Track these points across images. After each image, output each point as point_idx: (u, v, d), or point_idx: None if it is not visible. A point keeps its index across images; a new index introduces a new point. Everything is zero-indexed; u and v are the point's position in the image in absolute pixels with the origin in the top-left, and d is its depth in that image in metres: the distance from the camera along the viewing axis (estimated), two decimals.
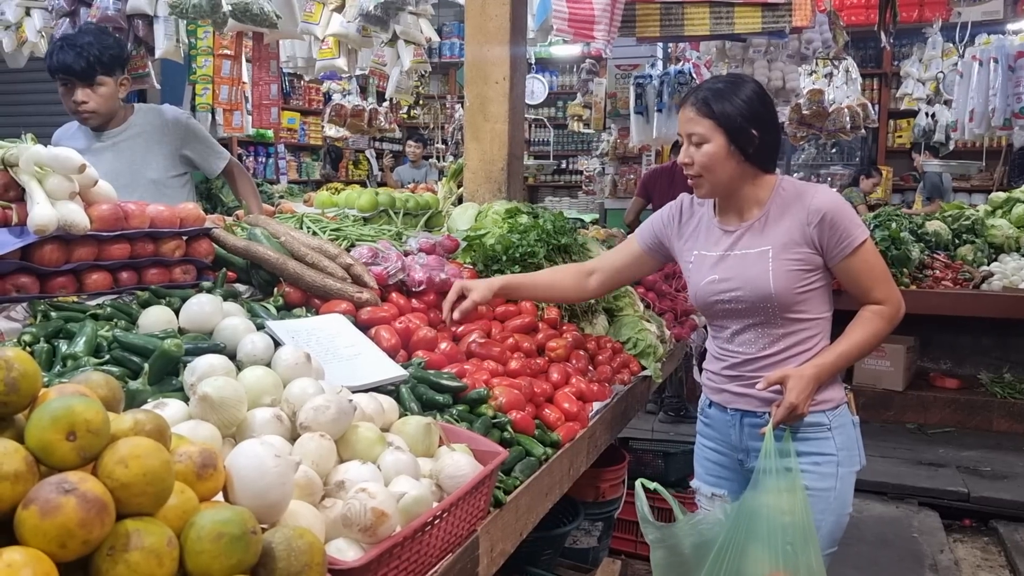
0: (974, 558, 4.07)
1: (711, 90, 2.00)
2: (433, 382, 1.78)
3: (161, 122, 3.07)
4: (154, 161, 3.02)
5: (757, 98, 2.00)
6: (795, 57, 5.59)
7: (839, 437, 2.05)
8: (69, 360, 1.42)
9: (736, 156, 1.98)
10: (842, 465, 2.04)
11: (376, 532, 1.11)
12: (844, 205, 2.02)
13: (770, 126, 2.04)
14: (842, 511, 2.06)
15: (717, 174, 2.00)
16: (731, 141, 1.96)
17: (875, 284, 2.02)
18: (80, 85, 2.87)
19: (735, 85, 2.00)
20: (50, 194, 1.67)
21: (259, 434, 1.25)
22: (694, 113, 1.99)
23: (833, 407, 2.05)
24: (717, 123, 1.96)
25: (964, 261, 5.78)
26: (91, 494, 0.82)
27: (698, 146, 1.99)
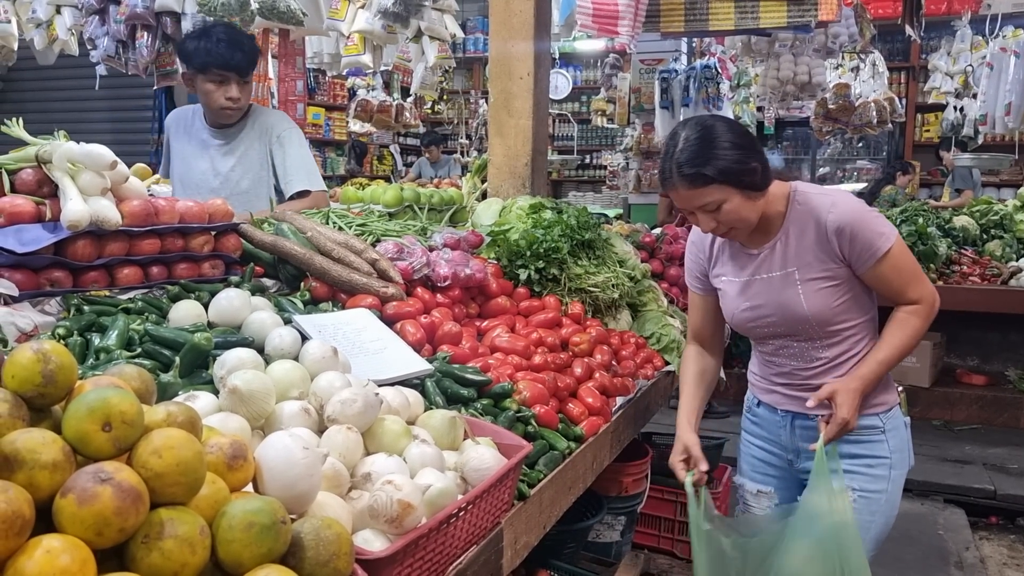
0: (1000, 556, 4.02)
1: (688, 160, 1.86)
2: (458, 376, 1.79)
3: (262, 130, 3.05)
4: (250, 171, 3.03)
5: (731, 133, 1.89)
6: (821, 51, 5.54)
7: (892, 440, 2.03)
8: (102, 353, 1.45)
9: (753, 195, 1.91)
10: (894, 468, 2.03)
11: (402, 523, 1.12)
12: (862, 214, 1.93)
13: (757, 145, 1.94)
14: (891, 513, 2.06)
15: (747, 219, 1.93)
16: (742, 188, 1.88)
17: (907, 285, 1.97)
18: (236, 81, 2.87)
19: (705, 136, 1.87)
20: (83, 190, 1.70)
21: (287, 426, 1.27)
22: (688, 189, 1.88)
23: (887, 410, 2.04)
24: (720, 183, 1.85)
25: (992, 257, 5.70)
26: (126, 483, 0.84)
27: (716, 211, 1.90)
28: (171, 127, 3.19)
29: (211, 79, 2.86)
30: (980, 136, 7.42)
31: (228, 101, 2.89)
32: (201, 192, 2.92)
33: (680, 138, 1.90)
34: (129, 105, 7.31)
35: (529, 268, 2.52)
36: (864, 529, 2.02)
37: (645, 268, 2.90)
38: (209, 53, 2.80)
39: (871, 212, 1.97)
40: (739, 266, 2.09)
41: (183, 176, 3.09)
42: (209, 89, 2.87)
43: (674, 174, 1.89)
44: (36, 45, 4.66)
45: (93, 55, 4.30)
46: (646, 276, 2.88)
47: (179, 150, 3.13)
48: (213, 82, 2.86)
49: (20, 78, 8.03)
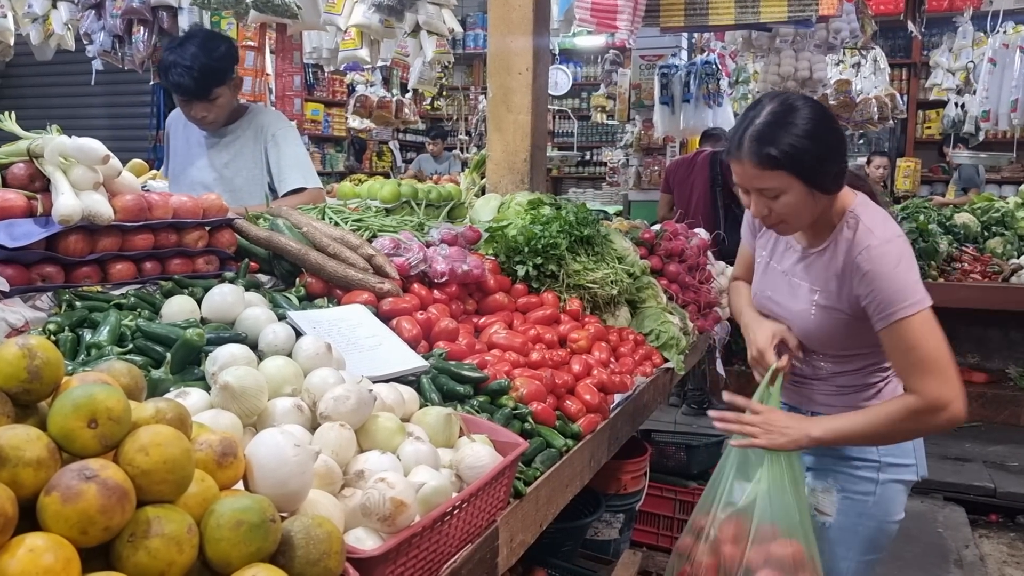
0: (1000, 554, 4.02)
1: (764, 133, 1.71)
2: (454, 373, 1.77)
3: (257, 130, 3.07)
4: (245, 169, 3.04)
5: (818, 122, 1.73)
6: (822, 47, 5.51)
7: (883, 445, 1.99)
8: (93, 349, 1.43)
9: (817, 195, 1.76)
10: (884, 472, 1.99)
11: (395, 522, 1.11)
12: (892, 269, 1.74)
13: (841, 148, 1.78)
14: (885, 518, 2.01)
15: (802, 217, 1.81)
16: (809, 184, 1.73)
17: (912, 370, 1.76)
18: (198, 102, 2.90)
19: (787, 116, 1.72)
20: (75, 185, 1.68)
21: (279, 423, 1.25)
22: (755, 167, 1.73)
23: None
24: (787, 172, 1.71)
25: (993, 254, 5.69)
26: (112, 481, 0.83)
27: (774, 198, 1.77)
28: (171, 126, 3.22)
29: (178, 98, 2.94)
30: (981, 133, 7.40)
31: (196, 120, 2.96)
32: (195, 189, 2.92)
33: (763, 110, 1.75)
34: (127, 101, 7.29)
35: (527, 264, 2.50)
36: (850, 531, 2.01)
37: (644, 265, 2.88)
38: (166, 77, 2.87)
39: (905, 267, 1.75)
40: (781, 253, 2.03)
41: (178, 174, 3.11)
42: (180, 103, 2.96)
43: (744, 146, 1.74)
44: (32, 40, 4.64)
45: (89, 50, 4.28)
46: (645, 273, 2.86)
47: (176, 148, 3.17)
48: (181, 100, 2.94)
49: (18, 74, 8.01)
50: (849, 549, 2.02)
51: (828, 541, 2.03)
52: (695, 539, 2.06)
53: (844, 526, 2.02)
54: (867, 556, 2.03)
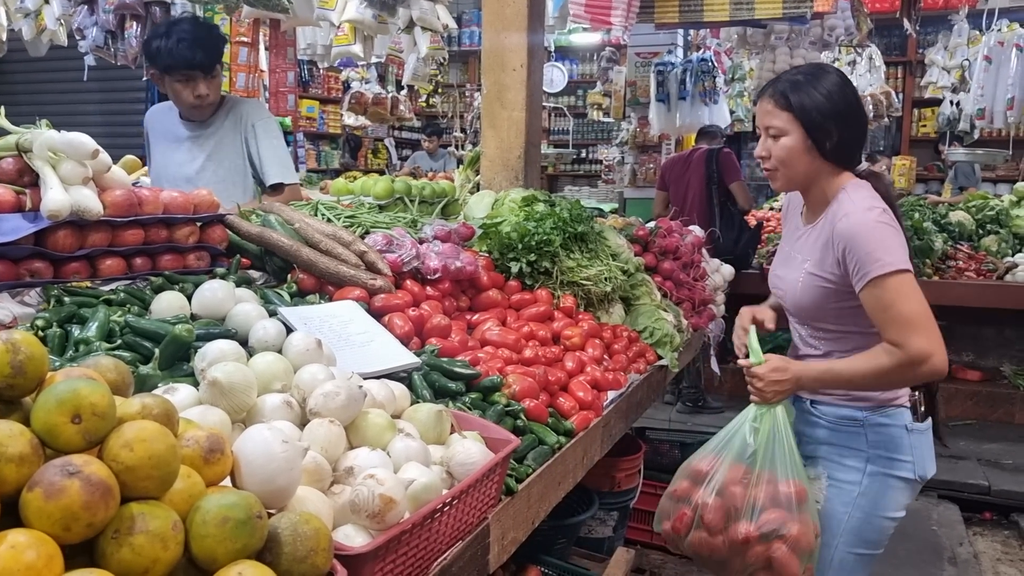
0: (994, 551, 4.02)
1: (790, 82, 1.94)
2: (446, 369, 1.76)
3: (238, 119, 3.04)
4: (227, 159, 3.02)
5: (839, 91, 1.93)
6: (817, 44, 5.50)
7: (873, 436, 2.01)
8: (81, 345, 1.42)
9: (813, 152, 1.93)
10: (872, 463, 2.00)
11: (384, 519, 1.10)
12: (868, 231, 1.85)
13: (851, 121, 1.95)
14: (874, 511, 2.01)
15: (793, 168, 1.96)
16: (808, 135, 1.92)
17: (890, 325, 1.84)
18: (203, 78, 2.86)
19: (815, 77, 1.94)
20: (64, 179, 1.67)
21: (269, 420, 1.24)
22: (772, 105, 1.95)
23: (871, 406, 2.01)
24: (794, 116, 1.91)
25: (988, 252, 5.69)
26: (95, 477, 0.82)
27: (775, 139, 1.95)
28: (149, 124, 3.18)
29: (177, 79, 2.86)
30: (976, 131, 7.41)
31: (197, 99, 2.89)
32: (178, 183, 2.90)
33: (800, 69, 2.00)
34: (121, 97, 7.25)
35: (521, 261, 2.49)
36: (836, 519, 2.02)
37: (638, 262, 2.88)
38: (171, 54, 2.79)
39: (881, 232, 1.85)
40: (790, 233, 2.16)
41: (161, 170, 3.07)
42: (177, 88, 2.88)
43: (770, 88, 1.98)
44: (25, 35, 4.62)
45: (82, 45, 4.26)
46: (639, 270, 2.85)
47: (157, 146, 3.13)
48: (179, 82, 2.86)
49: (10, 70, 7.97)
50: (834, 537, 2.03)
51: None
52: (693, 483, 2.09)
53: (831, 513, 2.03)
54: (856, 548, 2.03)
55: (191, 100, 2.90)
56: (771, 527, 1.92)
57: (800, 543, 1.92)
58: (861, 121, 2.00)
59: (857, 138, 1.99)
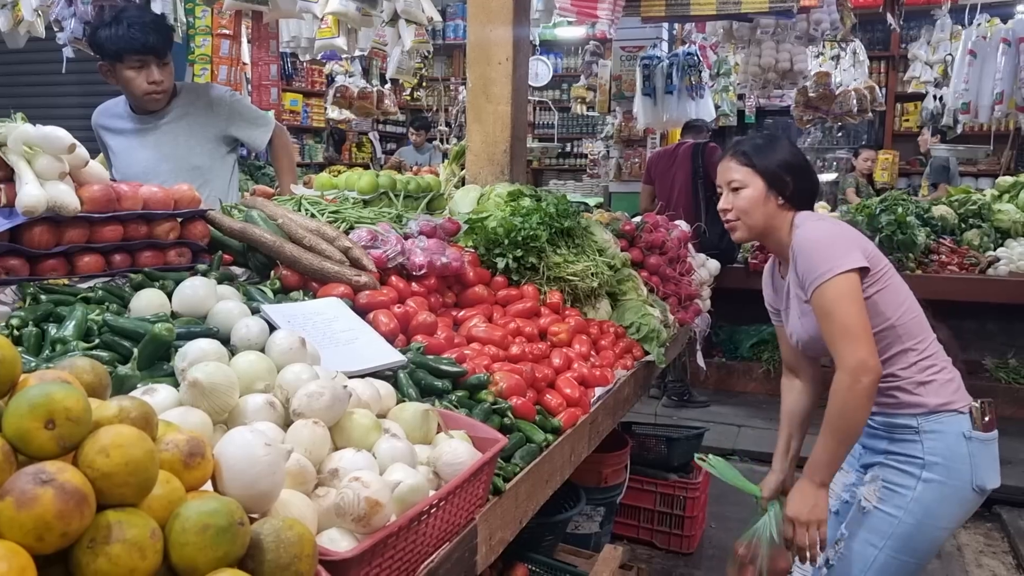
0: (977, 544, 4.05)
1: (751, 144, 2.15)
2: (432, 367, 1.74)
3: (206, 102, 2.95)
4: (199, 146, 2.92)
5: (792, 150, 2.16)
6: (803, 38, 5.51)
7: (930, 443, 1.99)
8: (58, 344, 1.39)
9: (771, 200, 2.11)
10: (928, 470, 1.98)
11: (370, 522, 1.08)
12: (814, 241, 1.99)
13: (803, 174, 2.14)
14: (925, 519, 1.99)
15: (753, 216, 2.11)
16: (768, 185, 2.10)
17: (833, 340, 1.95)
18: (156, 63, 2.77)
19: (771, 140, 2.18)
20: (39, 174, 1.63)
21: (251, 421, 1.22)
22: (734, 163, 2.14)
23: (925, 412, 2.00)
24: (755, 170, 2.10)
25: (970, 246, 5.72)
26: (70, 485, 0.79)
27: (736, 191, 2.13)
28: (100, 124, 3.03)
29: (130, 66, 2.75)
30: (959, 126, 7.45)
31: (151, 85, 2.79)
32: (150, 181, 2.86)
33: (756, 137, 2.28)
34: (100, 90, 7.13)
35: (507, 257, 2.47)
36: (886, 522, 2.02)
37: (625, 257, 2.86)
38: (122, 39, 2.70)
39: (829, 241, 1.98)
40: (780, 294, 2.25)
41: (124, 171, 2.93)
42: (129, 76, 2.77)
43: (731, 149, 2.19)
44: (1, 27, 4.53)
45: (60, 37, 4.18)
46: (626, 265, 2.84)
47: (115, 146, 2.99)
48: (132, 68, 2.76)
49: None
50: (883, 539, 2.02)
51: (864, 527, 2.06)
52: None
53: (880, 515, 2.03)
54: (902, 555, 2.01)
55: (145, 87, 2.79)
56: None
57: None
58: (812, 177, 2.19)
59: (810, 188, 2.16)
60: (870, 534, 2.04)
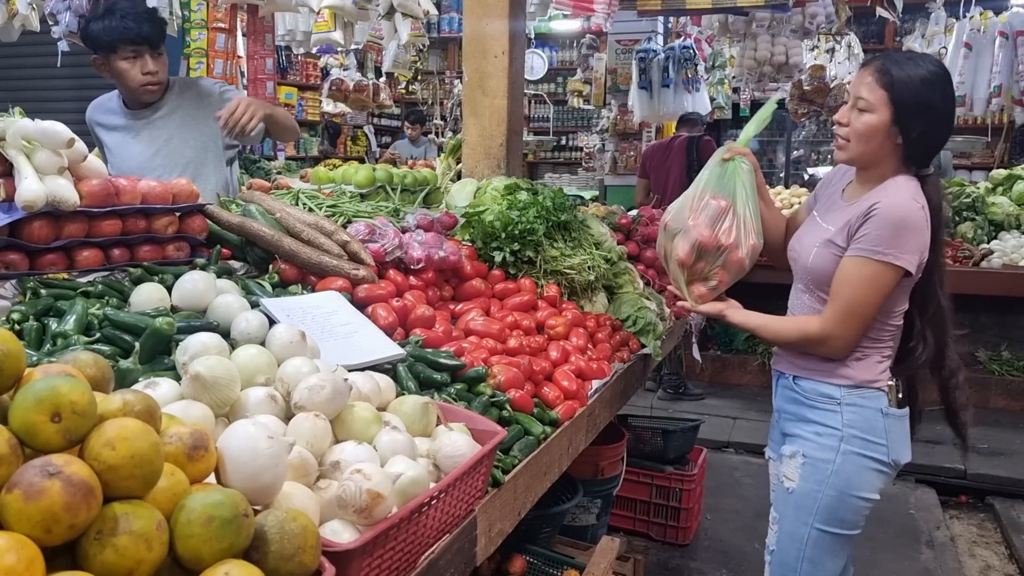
0: (970, 534, 4.08)
1: (898, 64, 1.90)
2: (431, 360, 1.75)
3: (196, 95, 2.90)
4: (192, 140, 2.88)
5: (942, 92, 1.91)
6: (798, 32, 5.51)
7: (849, 415, 2.02)
8: (59, 339, 1.39)
9: (892, 139, 1.92)
10: (847, 443, 2.02)
11: (372, 514, 1.09)
12: (896, 217, 1.87)
13: (940, 123, 1.94)
14: (847, 490, 2.02)
15: (866, 146, 1.95)
16: (895, 120, 1.90)
17: (834, 298, 1.97)
18: (151, 53, 2.71)
19: (925, 68, 1.90)
20: (38, 169, 1.63)
21: (252, 414, 1.22)
22: (872, 79, 1.92)
23: (849, 384, 2.03)
24: (889, 97, 1.89)
25: (964, 239, 5.75)
26: (76, 477, 0.80)
27: (861, 112, 1.93)
28: (95, 119, 2.98)
29: (124, 57, 2.70)
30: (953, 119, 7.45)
31: (147, 76, 2.74)
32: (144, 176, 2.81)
33: (912, 56, 1.95)
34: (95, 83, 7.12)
35: (504, 250, 2.48)
36: (810, 497, 2.05)
37: (621, 250, 2.87)
38: (116, 29, 2.66)
39: (907, 225, 1.88)
40: (823, 207, 2.16)
41: (119, 166, 2.88)
42: (124, 68, 2.72)
43: (877, 60, 1.96)
44: None
45: (55, 31, 4.17)
46: (622, 258, 2.85)
47: (109, 141, 2.94)
48: (127, 60, 2.71)
49: None
50: (809, 515, 2.05)
51: (791, 507, 2.09)
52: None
53: (805, 491, 2.06)
54: (829, 527, 2.04)
55: (140, 79, 2.74)
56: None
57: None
58: (945, 130, 1.98)
59: (939, 138, 1.98)
60: (798, 512, 2.06)
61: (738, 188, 2.13)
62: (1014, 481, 4.39)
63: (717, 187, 2.14)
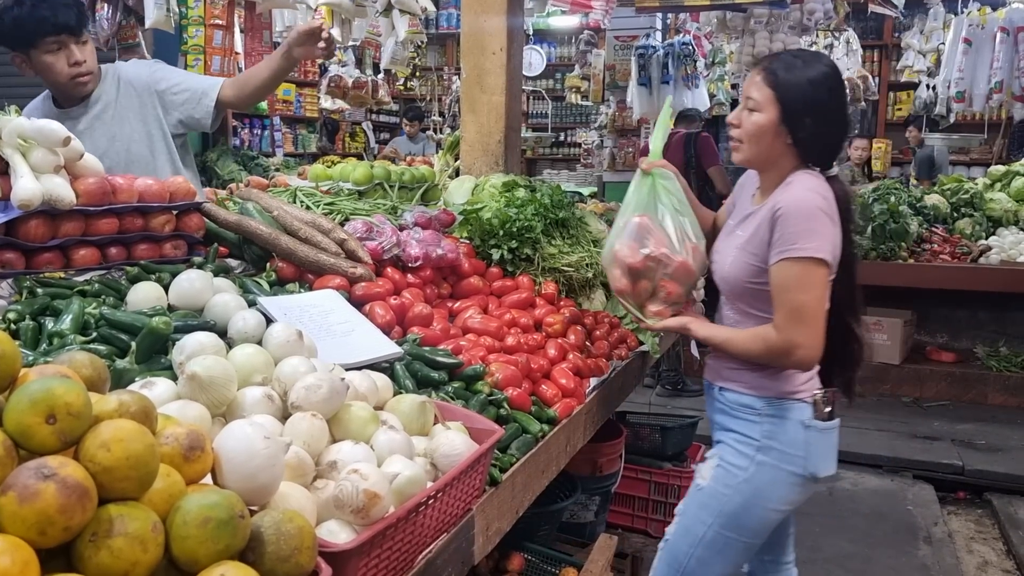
0: (968, 530, 4.09)
1: (785, 63, 1.91)
2: (428, 359, 1.75)
3: (126, 84, 2.61)
4: (138, 133, 2.60)
5: (828, 88, 1.90)
6: (797, 28, 5.51)
7: (768, 426, 1.97)
8: (55, 338, 1.39)
9: (782, 137, 1.91)
10: (763, 453, 1.97)
11: (369, 514, 1.09)
12: (802, 212, 1.83)
13: (830, 119, 1.92)
14: (755, 499, 1.98)
15: (757, 146, 1.94)
16: (783, 119, 1.89)
17: (778, 307, 1.87)
18: (75, 42, 2.45)
19: (810, 64, 1.90)
20: (34, 168, 1.63)
21: (249, 414, 1.22)
22: (759, 79, 1.93)
23: (771, 396, 1.97)
24: (776, 96, 1.89)
25: (962, 235, 5.75)
26: (71, 479, 0.79)
27: (751, 112, 1.93)
28: None
29: (46, 50, 2.43)
30: (952, 115, 7.45)
31: (75, 68, 2.47)
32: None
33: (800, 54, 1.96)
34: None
35: (502, 247, 2.48)
36: (715, 499, 2.01)
37: None
38: (31, 19, 2.39)
39: (815, 217, 1.84)
40: (738, 212, 2.12)
41: None
42: (48, 62, 2.44)
43: (767, 60, 1.97)
44: None
45: None
46: None
47: None
48: (49, 52, 2.43)
49: None
50: (711, 514, 2.02)
51: (695, 503, 2.07)
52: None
53: (712, 492, 2.03)
54: (727, 531, 2.01)
55: (67, 71, 2.46)
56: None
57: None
58: (838, 128, 1.96)
59: (832, 137, 1.95)
60: (701, 510, 2.04)
61: (661, 199, 2.08)
62: (1012, 477, 4.39)
63: (637, 207, 2.09)
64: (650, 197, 2.09)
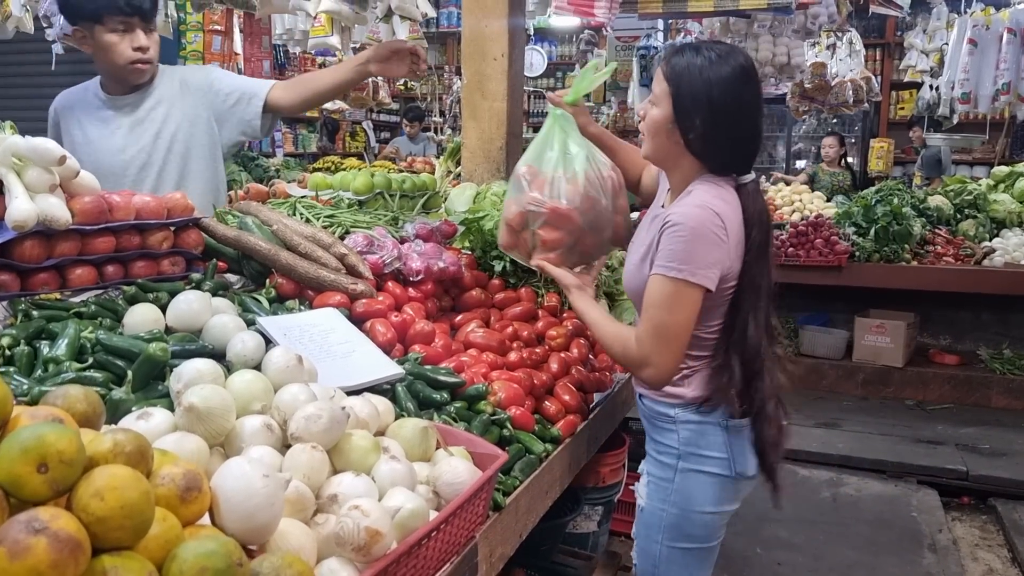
0: (972, 537, 4.06)
1: (686, 57, 1.77)
2: (430, 378, 1.73)
3: (184, 85, 2.54)
4: (183, 129, 2.52)
5: (727, 86, 1.73)
6: (800, 32, 5.47)
7: (685, 433, 1.90)
8: (51, 364, 1.36)
9: (675, 135, 1.79)
10: (684, 460, 1.90)
11: (370, 551, 1.06)
12: (687, 230, 1.70)
13: (723, 122, 1.76)
14: (688, 507, 1.91)
15: (654, 142, 1.84)
16: (676, 115, 1.77)
17: (643, 319, 1.78)
18: (143, 27, 2.37)
19: (715, 63, 1.74)
20: (29, 187, 1.60)
21: (248, 444, 1.20)
22: (660, 72, 1.81)
23: (682, 403, 1.90)
24: (671, 89, 1.77)
25: (966, 237, 5.72)
26: (63, 533, 0.77)
27: (652, 105, 1.82)
28: (61, 114, 2.58)
29: (111, 29, 2.33)
30: (956, 115, 7.41)
31: (137, 52, 2.38)
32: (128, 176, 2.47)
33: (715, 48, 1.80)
34: None
35: (504, 259, 2.45)
36: (656, 515, 1.97)
37: (622, 256, 2.84)
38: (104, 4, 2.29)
39: (699, 238, 1.71)
40: (651, 211, 2.03)
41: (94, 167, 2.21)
42: (112, 42, 2.35)
43: (674, 52, 1.82)
44: None
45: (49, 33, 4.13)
46: (623, 265, 2.82)
47: (80, 137, 2.52)
48: (115, 32, 2.34)
49: None
50: (657, 532, 1.97)
51: (642, 524, 2.02)
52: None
53: (651, 510, 1.98)
54: (678, 543, 1.96)
55: (130, 55, 2.37)
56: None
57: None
58: (740, 126, 1.79)
59: (728, 140, 1.78)
60: (649, 530, 1.99)
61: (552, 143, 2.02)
62: (1016, 483, 4.36)
63: (526, 159, 2.05)
64: (540, 147, 2.04)
